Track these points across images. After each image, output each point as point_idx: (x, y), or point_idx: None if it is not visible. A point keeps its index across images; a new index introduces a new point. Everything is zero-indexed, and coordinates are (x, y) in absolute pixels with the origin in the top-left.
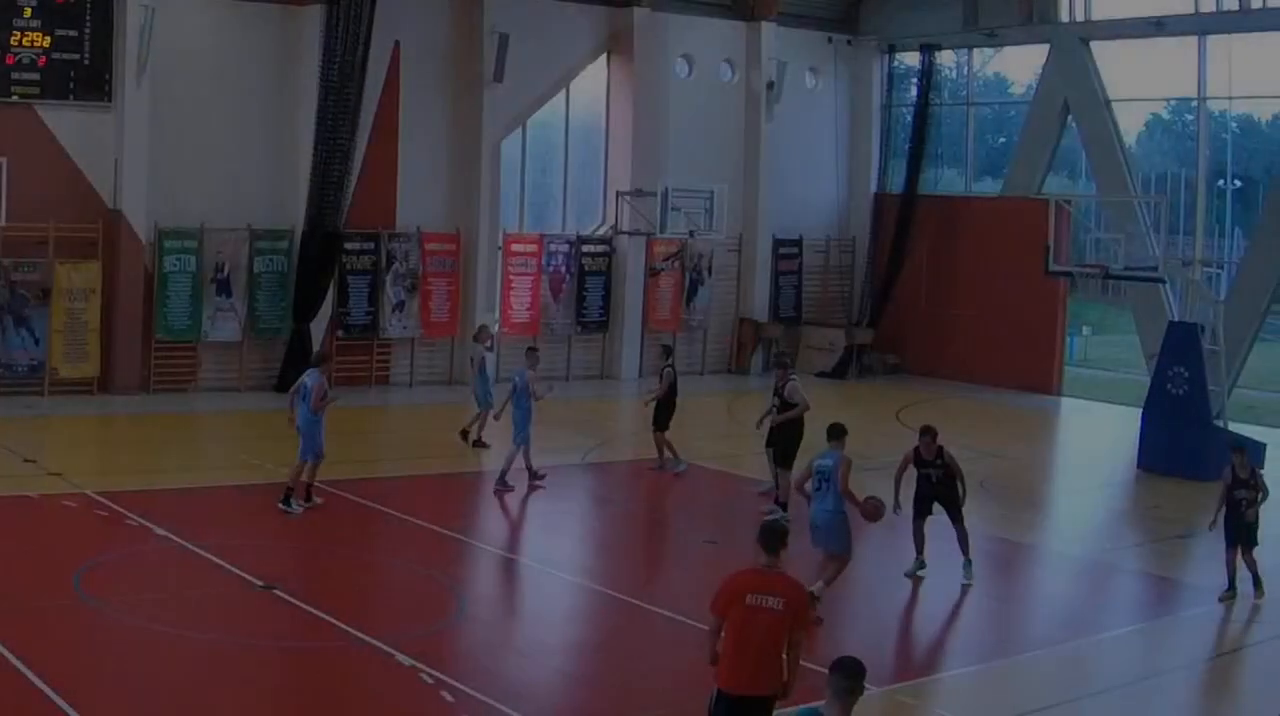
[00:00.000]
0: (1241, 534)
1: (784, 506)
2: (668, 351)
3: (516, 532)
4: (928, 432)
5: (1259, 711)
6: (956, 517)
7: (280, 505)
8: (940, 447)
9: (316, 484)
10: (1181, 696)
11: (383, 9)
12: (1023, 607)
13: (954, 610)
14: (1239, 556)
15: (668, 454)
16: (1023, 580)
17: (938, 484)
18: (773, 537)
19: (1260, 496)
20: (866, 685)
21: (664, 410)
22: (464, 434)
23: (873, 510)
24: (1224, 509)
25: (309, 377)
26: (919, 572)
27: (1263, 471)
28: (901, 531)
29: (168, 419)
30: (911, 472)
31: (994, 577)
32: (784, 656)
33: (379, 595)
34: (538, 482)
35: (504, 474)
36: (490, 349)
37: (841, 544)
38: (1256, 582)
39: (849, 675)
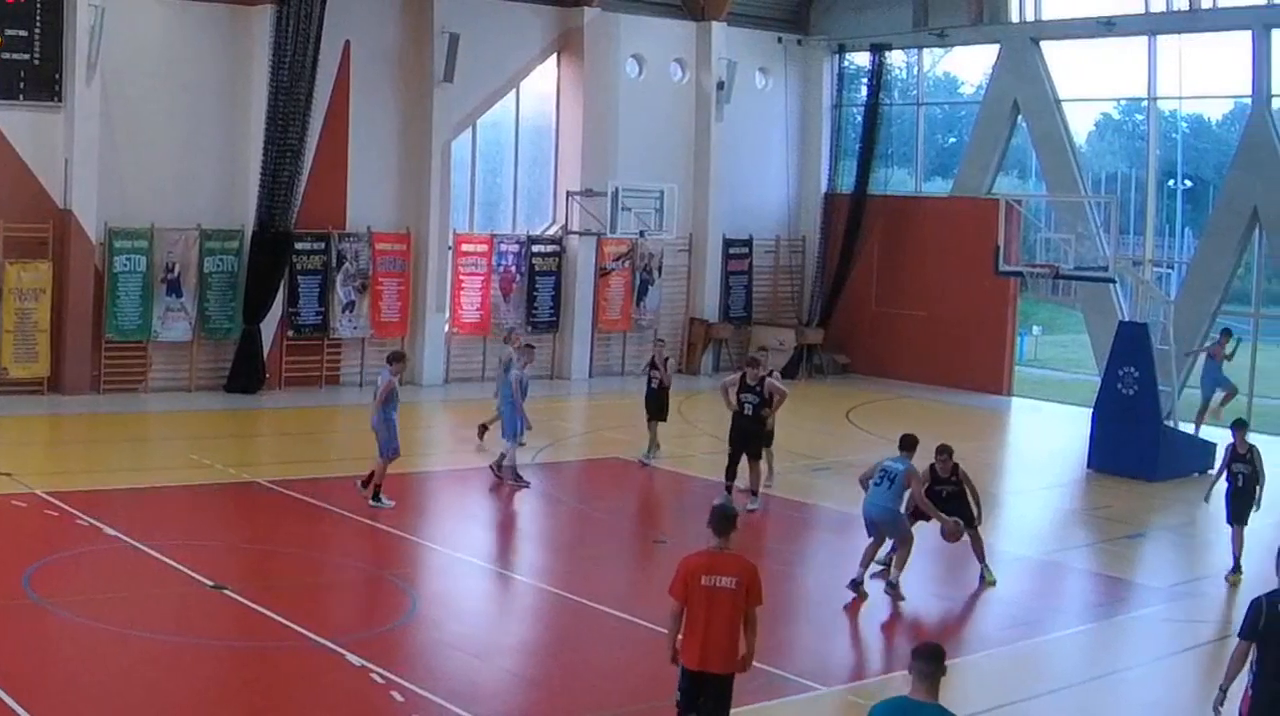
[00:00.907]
0: (1241, 509)
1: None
2: (663, 344)
3: (467, 532)
4: (944, 452)
5: (1210, 711)
6: (970, 526)
7: (371, 502)
8: (955, 465)
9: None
10: (1132, 695)
11: (333, 9)
12: (973, 607)
13: (905, 611)
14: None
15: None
16: (973, 580)
17: (948, 499)
18: (723, 521)
19: (1259, 481)
20: (818, 685)
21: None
22: (482, 430)
23: (954, 529)
24: (1225, 485)
25: (380, 376)
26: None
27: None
28: (852, 536)
29: (118, 419)
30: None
31: (944, 578)
32: (742, 632)
33: (330, 595)
34: (500, 477)
35: (515, 471)
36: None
37: (900, 531)
38: (1237, 562)
39: (930, 659)
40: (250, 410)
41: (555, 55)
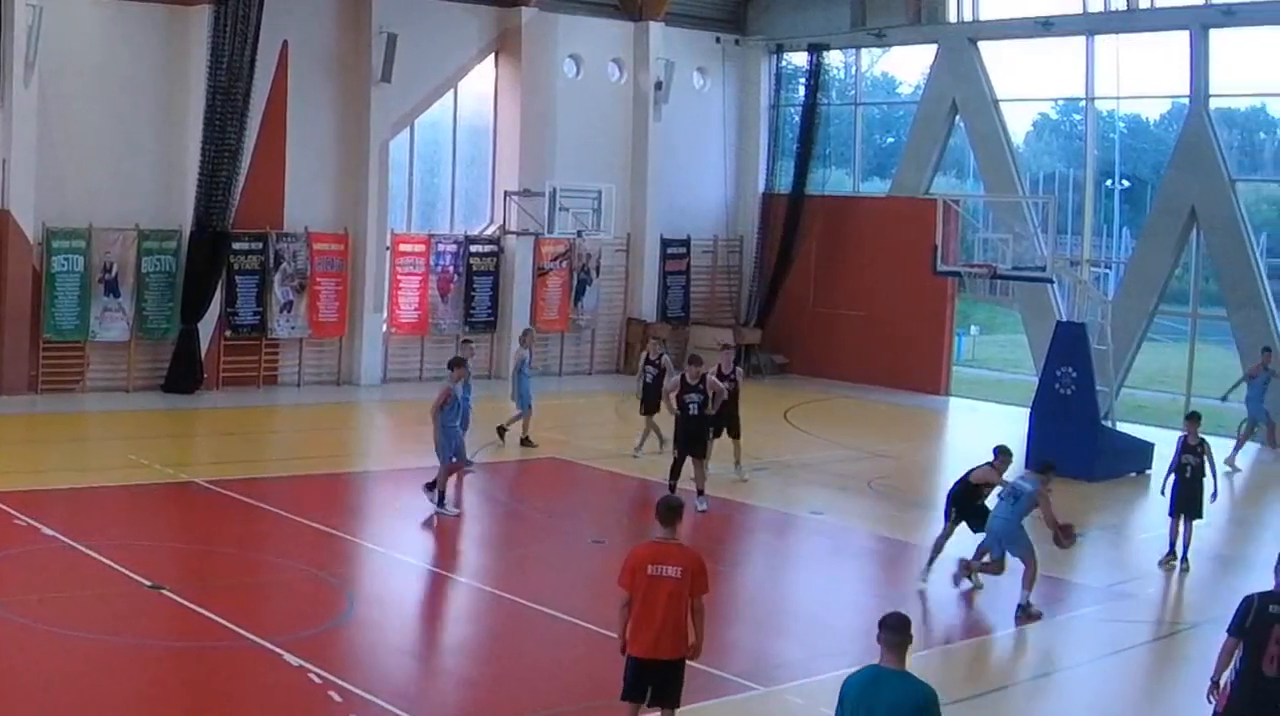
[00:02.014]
0: (1184, 501)
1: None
2: (662, 342)
3: (404, 532)
4: (1005, 454)
5: (1149, 709)
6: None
7: (436, 508)
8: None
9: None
10: (1071, 695)
11: (271, 9)
12: (911, 607)
13: (842, 611)
14: (1180, 524)
15: (653, 435)
16: (911, 580)
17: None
18: (668, 512)
19: (1205, 474)
20: (757, 685)
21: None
22: (501, 431)
23: (1071, 540)
24: (1172, 476)
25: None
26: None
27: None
28: (790, 536)
29: (56, 419)
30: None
31: (882, 577)
32: (689, 620)
33: (267, 595)
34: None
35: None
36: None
37: (1024, 548)
38: (1184, 555)
39: (896, 629)
40: (188, 410)
41: (493, 55)
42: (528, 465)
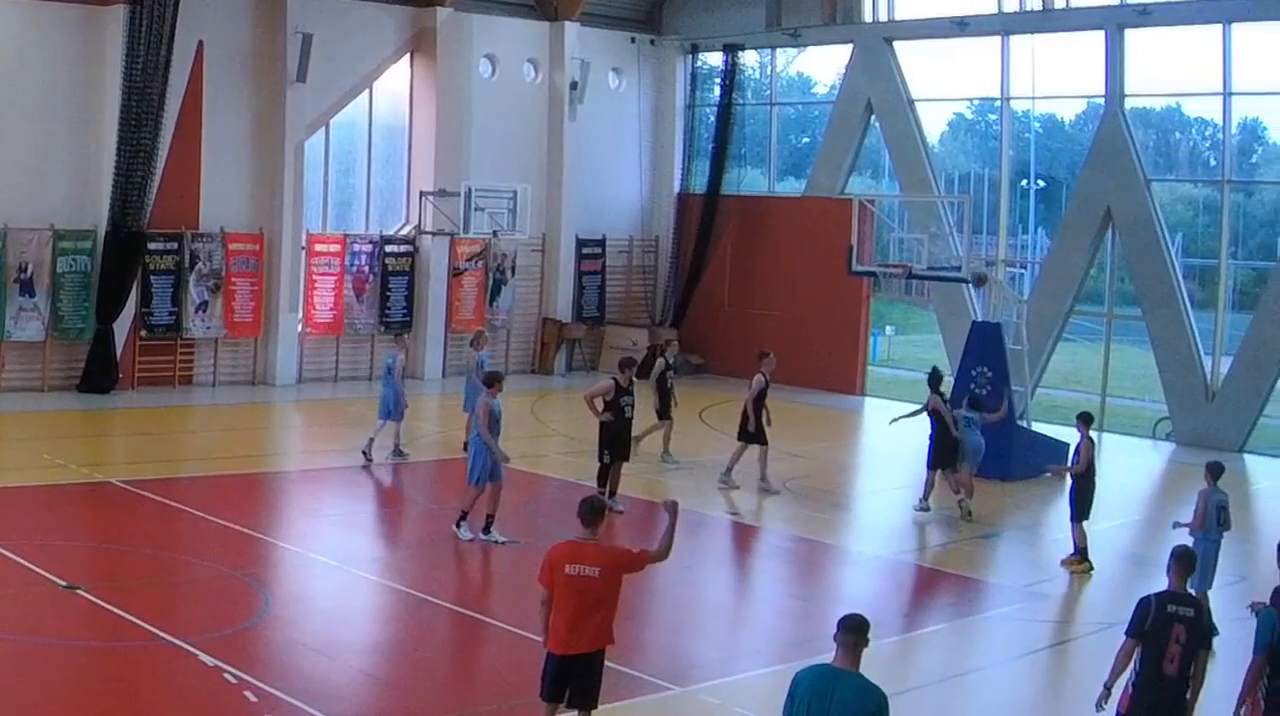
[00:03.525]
0: (1075, 504)
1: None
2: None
3: (319, 532)
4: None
5: (1063, 709)
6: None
7: (453, 527)
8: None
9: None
10: (986, 695)
11: (186, 9)
12: (827, 607)
13: (758, 611)
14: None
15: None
16: (827, 580)
17: None
18: (590, 513)
19: (1077, 467)
20: (670, 685)
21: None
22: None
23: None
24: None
25: (476, 401)
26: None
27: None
28: (705, 537)
29: None
30: None
31: (798, 578)
32: (607, 617)
33: (183, 595)
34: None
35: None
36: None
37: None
38: (1084, 553)
39: (852, 630)
40: (104, 410)
41: (408, 55)
42: (444, 465)
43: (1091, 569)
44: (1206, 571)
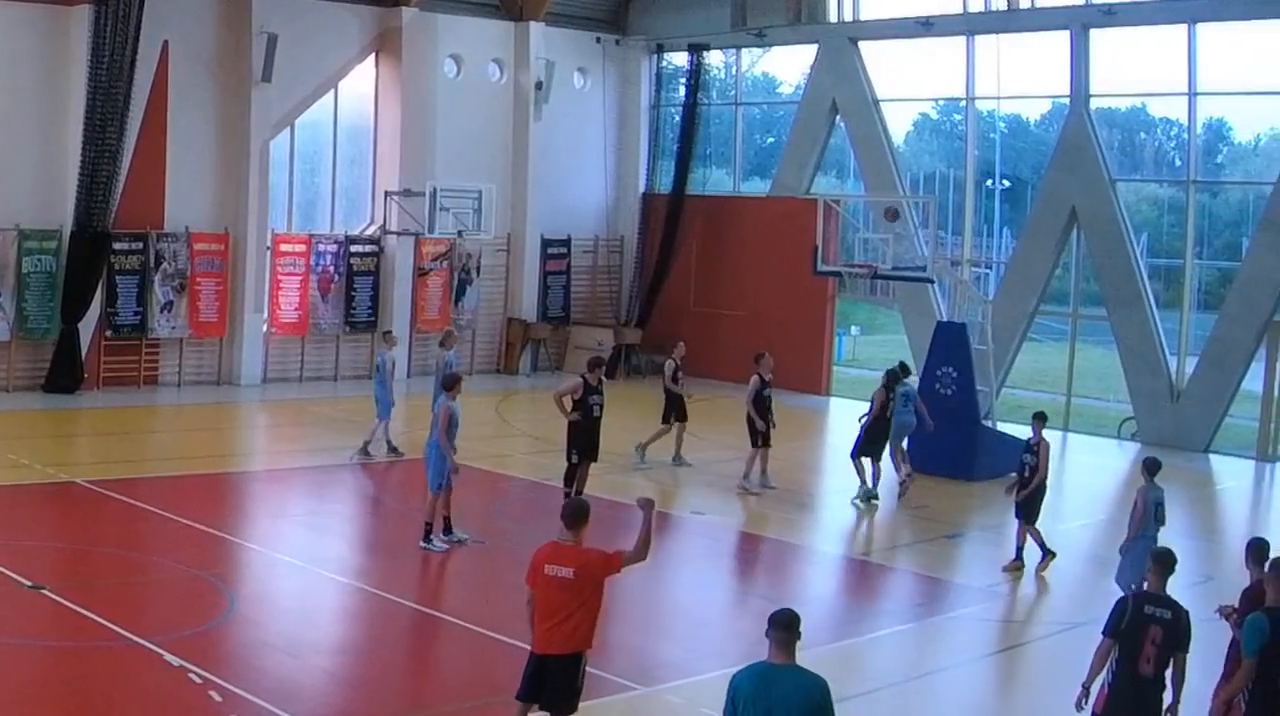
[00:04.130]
0: (1023, 506)
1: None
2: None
3: (285, 532)
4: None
5: (1028, 709)
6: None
7: (421, 543)
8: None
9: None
10: (950, 695)
11: (151, 9)
12: (792, 607)
13: (722, 611)
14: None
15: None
16: (792, 580)
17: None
18: (572, 515)
19: (1040, 472)
20: (635, 685)
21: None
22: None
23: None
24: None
25: (437, 403)
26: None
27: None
28: (670, 537)
29: None
30: None
31: (763, 578)
32: (584, 620)
33: (148, 595)
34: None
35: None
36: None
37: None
38: (1045, 551)
39: (785, 626)
40: (69, 410)
41: (373, 55)
42: (408, 465)
43: (1022, 567)
44: (1139, 569)
